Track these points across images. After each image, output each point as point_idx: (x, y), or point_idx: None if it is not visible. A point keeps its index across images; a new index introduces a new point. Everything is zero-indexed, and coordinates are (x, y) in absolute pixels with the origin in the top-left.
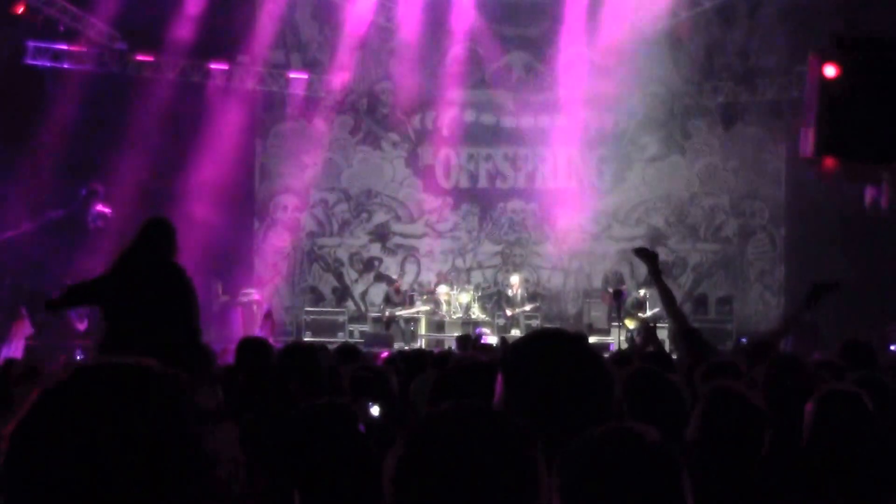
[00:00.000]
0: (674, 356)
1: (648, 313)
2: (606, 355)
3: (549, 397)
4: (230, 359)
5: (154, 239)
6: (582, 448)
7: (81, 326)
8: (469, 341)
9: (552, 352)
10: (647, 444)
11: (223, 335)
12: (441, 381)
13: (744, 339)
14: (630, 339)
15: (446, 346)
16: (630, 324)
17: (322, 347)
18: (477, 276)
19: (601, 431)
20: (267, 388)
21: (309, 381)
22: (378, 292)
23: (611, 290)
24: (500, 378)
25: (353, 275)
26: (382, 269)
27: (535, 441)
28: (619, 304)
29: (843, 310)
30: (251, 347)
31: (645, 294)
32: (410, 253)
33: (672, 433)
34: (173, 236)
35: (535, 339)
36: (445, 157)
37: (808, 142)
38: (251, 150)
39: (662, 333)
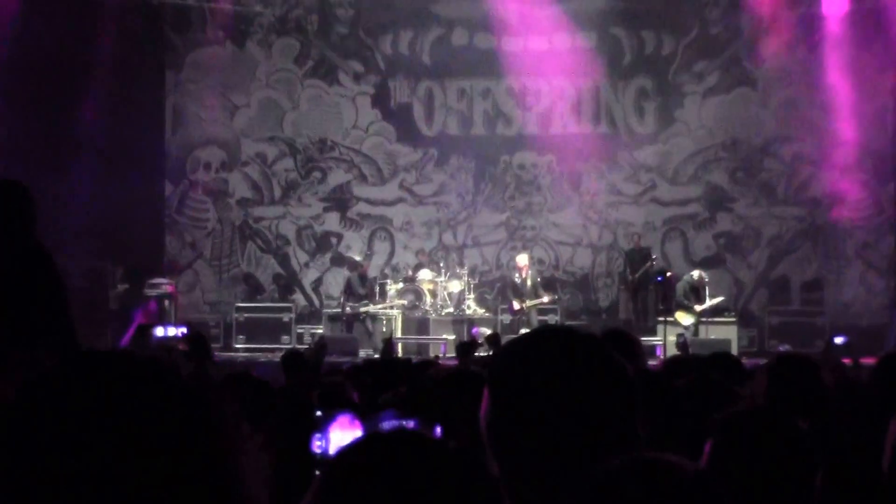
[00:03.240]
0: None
1: (708, 303)
2: (653, 362)
3: (551, 418)
4: None
5: (2, 212)
6: (595, 486)
7: None
8: (472, 349)
9: (554, 357)
10: (682, 479)
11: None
12: (409, 400)
13: (840, 337)
14: (682, 341)
15: (431, 354)
16: (683, 318)
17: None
18: (473, 257)
19: (621, 464)
20: None
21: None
22: (337, 281)
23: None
24: (485, 393)
25: (303, 257)
26: (342, 249)
27: (494, 484)
28: (665, 292)
29: None
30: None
31: (701, 277)
32: (381, 226)
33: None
34: (29, 207)
35: (531, 339)
36: (427, 93)
37: None
38: (158, 86)
39: (724, 330)
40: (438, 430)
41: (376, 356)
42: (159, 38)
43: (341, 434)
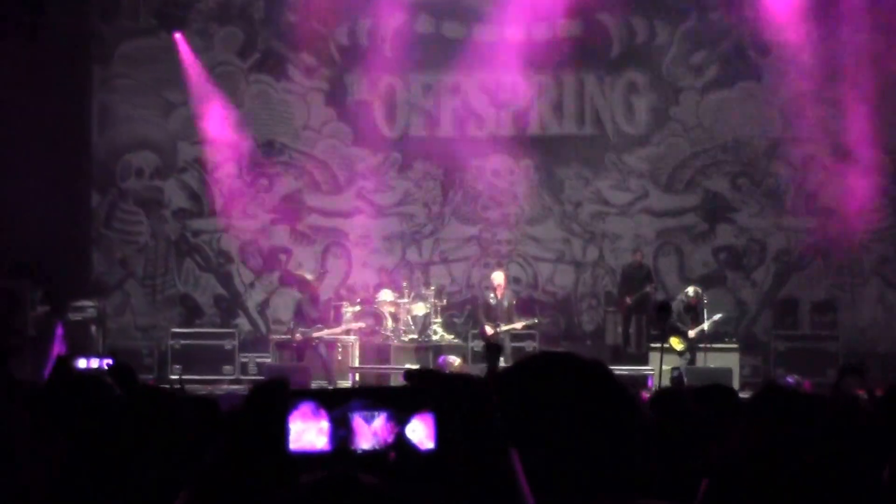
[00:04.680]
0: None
1: (706, 323)
2: (644, 394)
3: (542, 456)
4: None
5: None
6: None
7: None
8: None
9: (549, 387)
10: None
11: (44, 369)
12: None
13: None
14: (676, 376)
15: (392, 384)
16: (677, 345)
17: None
18: (440, 275)
19: None
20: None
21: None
22: (286, 303)
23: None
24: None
25: (248, 276)
26: (293, 267)
27: None
28: (663, 318)
29: None
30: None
31: (696, 293)
32: (335, 240)
33: None
34: None
35: (523, 367)
36: (388, 89)
37: None
38: (84, 81)
39: (724, 358)
40: (414, 420)
41: (329, 388)
42: (84, 27)
43: (302, 424)
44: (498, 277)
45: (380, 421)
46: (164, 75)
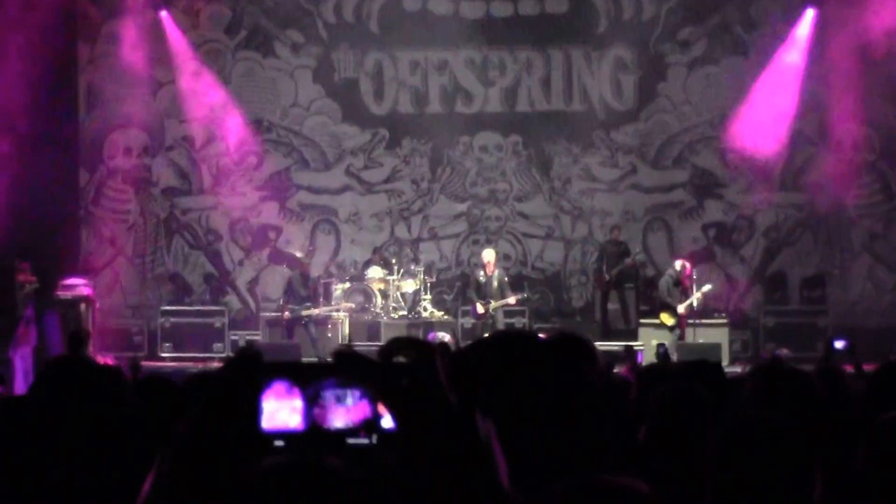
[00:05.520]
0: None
1: (695, 296)
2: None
3: (501, 436)
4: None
5: None
6: None
7: None
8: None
9: (507, 367)
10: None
11: (37, 350)
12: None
13: (841, 342)
14: (662, 352)
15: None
16: (667, 320)
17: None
18: (430, 253)
19: (576, 485)
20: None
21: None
22: (275, 280)
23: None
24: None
25: (237, 254)
26: (282, 245)
27: None
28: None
29: None
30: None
31: (684, 267)
32: (324, 218)
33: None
34: None
35: (480, 347)
36: (376, 66)
37: None
38: (71, 60)
39: (714, 333)
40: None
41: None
42: (71, 7)
43: (276, 403)
44: (488, 255)
45: (352, 399)
46: (151, 54)
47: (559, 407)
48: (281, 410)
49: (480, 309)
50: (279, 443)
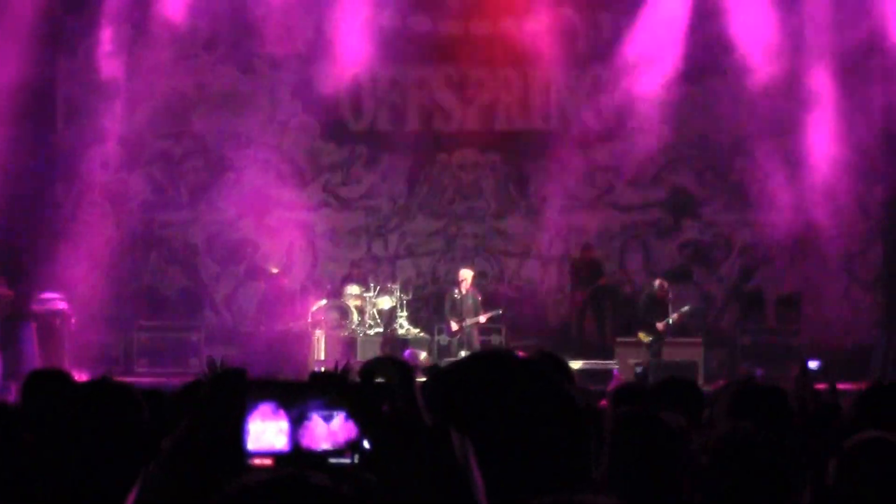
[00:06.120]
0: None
1: (672, 315)
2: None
3: (491, 451)
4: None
5: None
6: None
7: None
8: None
9: (484, 387)
10: None
11: (10, 364)
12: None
13: (815, 362)
14: (641, 373)
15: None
16: (644, 338)
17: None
18: (406, 270)
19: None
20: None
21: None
22: (252, 295)
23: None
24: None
25: (214, 269)
26: (259, 261)
27: None
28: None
29: None
30: (46, 385)
31: (661, 285)
32: (301, 234)
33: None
34: None
35: (458, 369)
36: (354, 83)
37: None
38: (47, 72)
39: (689, 352)
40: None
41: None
42: (49, 19)
43: (262, 424)
44: (464, 273)
45: (338, 420)
46: (130, 67)
47: (536, 426)
48: (267, 432)
49: (455, 326)
50: (266, 461)
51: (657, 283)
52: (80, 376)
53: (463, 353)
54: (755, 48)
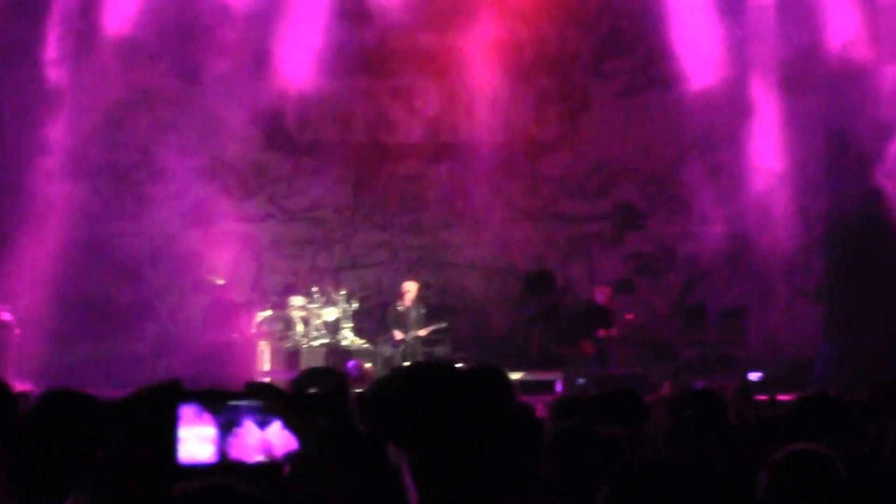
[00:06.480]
0: None
1: (615, 326)
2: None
3: (418, 463)
4: None
5: None
6: None
7: None
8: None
9: (422, 397)
10: None
11: None
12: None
13: (756, 374)
14: (583, 386)
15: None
16: (588, 349)
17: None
18: (350, 281)
19: None
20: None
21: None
22: (197, 306)
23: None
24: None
25: (158, 280)
26: (204, 271)
27: None
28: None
29: None
30: None
31: (605, 297)
32: (246, 245)
33: None
34: None
35: (391, 381)
36: (298, 93)
37: None
38: None
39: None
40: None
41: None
42: None
43: (184, 431)
44: (408, 285)
45: (275, 428)
46: (77, 78)
47: (473, 438)
48: (189, 440)
49: (399, 336)
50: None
51: (600, 290)
52: (23, 387)
53: (405, 364)
54: (697, 58)
